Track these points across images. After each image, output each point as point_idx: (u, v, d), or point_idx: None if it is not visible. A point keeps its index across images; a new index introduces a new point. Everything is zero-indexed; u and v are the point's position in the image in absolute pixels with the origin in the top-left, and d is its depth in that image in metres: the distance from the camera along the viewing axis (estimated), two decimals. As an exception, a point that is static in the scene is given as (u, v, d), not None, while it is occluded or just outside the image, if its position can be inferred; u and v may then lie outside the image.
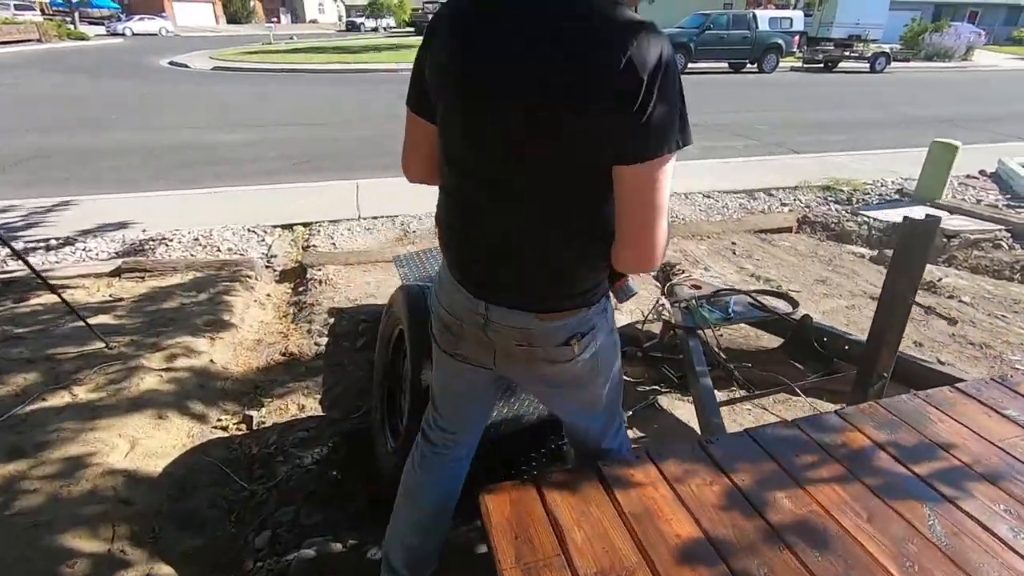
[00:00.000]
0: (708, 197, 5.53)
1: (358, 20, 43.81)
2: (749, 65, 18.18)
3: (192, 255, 3.92)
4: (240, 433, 2.22)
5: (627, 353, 2.46)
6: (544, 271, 1.04)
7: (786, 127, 9.13)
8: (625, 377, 2.59)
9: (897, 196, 5.57)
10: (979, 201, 5.41)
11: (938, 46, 24.08)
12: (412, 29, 32.92)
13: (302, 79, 14.81)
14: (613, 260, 1.00)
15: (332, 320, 3.07)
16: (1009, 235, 4.47)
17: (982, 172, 6.37)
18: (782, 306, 2.37)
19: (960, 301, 3.48)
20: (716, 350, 2.16)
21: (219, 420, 2.29)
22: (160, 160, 6.55)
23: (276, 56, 19.36)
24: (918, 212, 5.10)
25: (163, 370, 2.46)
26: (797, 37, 19.13)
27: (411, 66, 1.05)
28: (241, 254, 4.03)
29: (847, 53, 19.41)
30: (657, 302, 2.53)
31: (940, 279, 3.76)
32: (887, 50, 20.12)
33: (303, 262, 3.86)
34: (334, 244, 4.26)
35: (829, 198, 5.60)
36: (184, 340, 2.71)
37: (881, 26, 20.13)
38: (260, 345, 2.90)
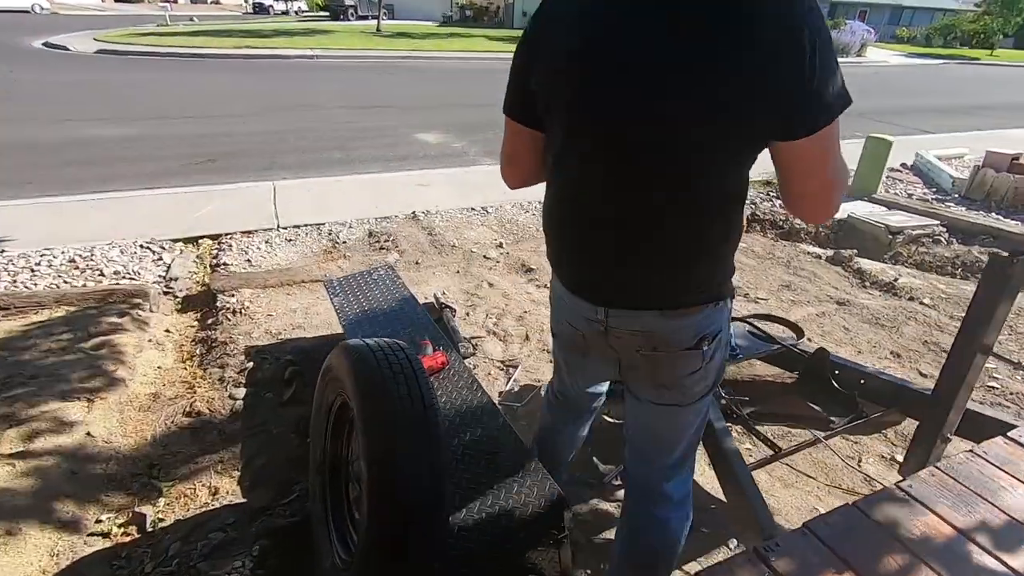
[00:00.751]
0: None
1: (267, 2, 40.97)
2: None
3: (65, 282, 3.19)
4: (128, 540, 1.67)
5: (615, 391, 2.12)
6: (674, 263, 1.00)
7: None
8: (610, 419, 2.26)
9: (834, 191, 5.62)
10: (911, 195, 5.55)
11: (836, 42, 25.72)
12: (327, 14, 31.10)
13: (205, 65, 13.40)
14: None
15: (250, 363, 2.52)
16: (945, 230, 4.57)
17: (904, 165, 6.62)
18: (779, 332, 2.11)
19: (922, 303, 3.43)
20: (728, 399, 1.86)
21: (98, 523, 1.72)
22: (29, 159, 5.51)
23: (174, 39, 17.49)
24: (860, 207, 5.18)
25: (16, 456, 1.85)
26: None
27: (329, 52, 0.69)
28: (131, 278, 3.33)
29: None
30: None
31: (896, 279, 3.72)
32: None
33: (211, 286, 3.24)
34: (249, 261, 3.64)
35: (771, 194, 5.56)
36: (50, 407, 2.09)
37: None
38: (157, 403, 2.31)
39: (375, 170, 5.76)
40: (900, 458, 2.14)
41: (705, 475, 1.97)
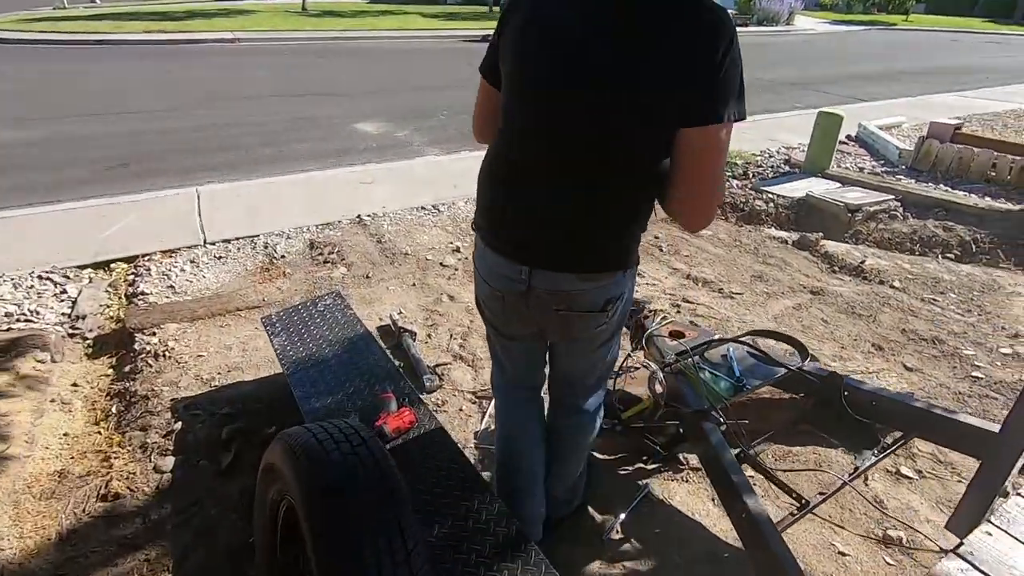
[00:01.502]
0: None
1: (177, -20, 37.82)
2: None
3: (-57, 332, 2.67)
4: None
5: (603, 428, 1.90)
6: (593, 232, 1.13)
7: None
8: (600, 455, 2.04)
9: (787, 167, 5.59)
10: (861, 169, 5.58)
11: (767, 11, 26.21)
12: (246, -9, 29.01)
13: (111, 53, 12.13)
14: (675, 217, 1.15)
15: (179, 423, 2.14)
16: (899, 204, 4.58)
17: (848, 137, 6.67)
18: (777, 351, 1.93)
19: (892, 287, 3.38)
20: (740, 438, 1.66)
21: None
22: None
23: (74, 24, 15.78)
24: (814, 184, 5.14)
25: None
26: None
27: (252, 35, 0.58)
28: (28, 319, 2.84)
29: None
30: (626, 359, 2.00)
31: (863, 261, 3.67)
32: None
33: (128, 323, 2.80)
34: (172, 287, 3.19)
35: (727, 173, 5.46)
36: (-83, 510, 1.67)
37: (721, -8, 21.26)
38: (64, 485, 1.92)
39: (312, 167, 5.28)
40: (906, 471, 2.03)
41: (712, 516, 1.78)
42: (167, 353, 2.56)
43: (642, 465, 2.00)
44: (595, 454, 2.06)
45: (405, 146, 6.09)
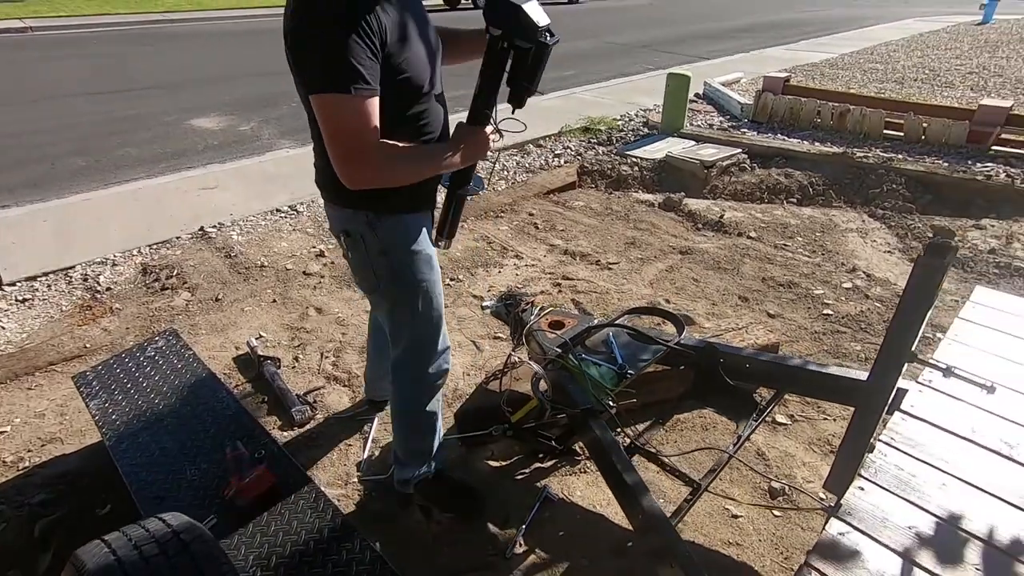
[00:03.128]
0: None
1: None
2: (464, 0, 18.05)
3: None
4: None
5: (492, 434, 1.78)
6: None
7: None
8: (492, 463, 1.93)
9: (646, 129, 5.78)
10: (711, 125, 5.91)
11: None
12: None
13: None
14: None
15: (-25, 526, 1.71)
16: (747, 156, 4.91)
17: (697, 95, 7.06)
18: (655, 325, 1.92)
19: (749, 237, 3.60)
20: (624, 431, 1.61)
21: None
22: None
23: None
24: (672, 144, 5.37)
25: None
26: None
27: (50, 23, 0.27)
28: None
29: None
30: (508, 359, 1.89)
31: (722, 215, 3.87)
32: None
33: None
34: (-41, 348, 2.57)
35: (592, 140, 5.54)
36: None
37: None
38: None
39: (141, 176, 4.57)
40: (780, 419, 2.14)
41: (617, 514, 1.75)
42: (-46, 436, 2.05)
43: (539, 464, 1.92)
44: (489, 463, 1.95)
45: (252, 141, 5.48)
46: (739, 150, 4.95)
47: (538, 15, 1.18)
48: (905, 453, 1.31)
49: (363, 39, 1.09)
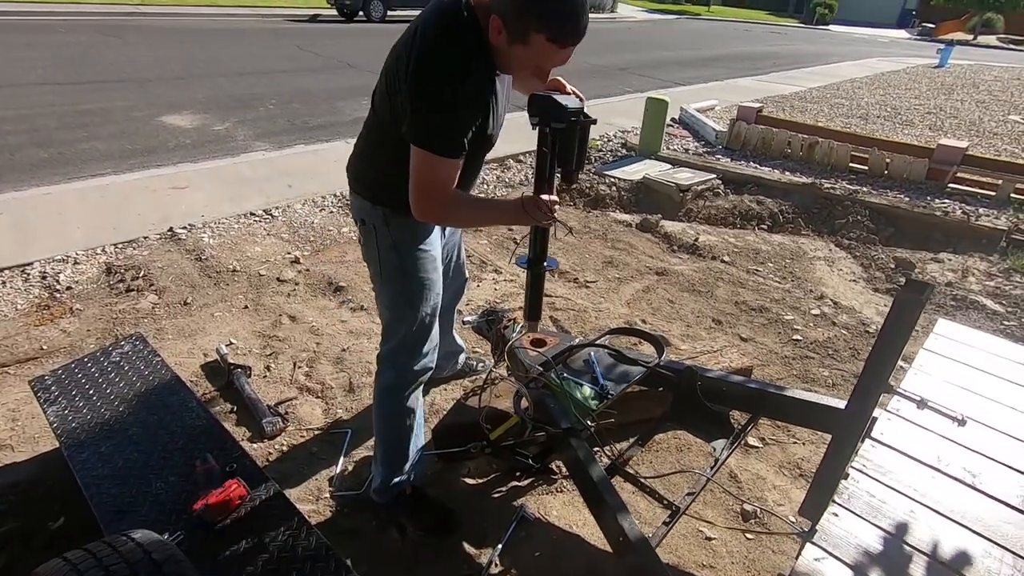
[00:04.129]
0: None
1: None
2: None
3: None
4: None
5: (470, 451, 1.76)
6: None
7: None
8: (469, 480, 1.91)
9: (624, 151, 5.89)
10: (687, 150, 6.06)
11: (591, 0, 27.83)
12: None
13: None
14: None
15: (-88, 539, 1.59)
16: (720, 182, 5.05)
17: (673, 120, 7.24)
18: (631, 345, 1.94)
19: (723, 261, 3.68)
20: (603, 451, 1.62)
21: None
22: None
23: None
24: (650, 166, 5.48)
25: None
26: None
27: (19, 8, 0.24)
28: None
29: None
30: (489, 375, 1.88)
31: (697, 239, 3.96)
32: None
33: None
34: (-99, 345, 2.42)
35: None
36: None
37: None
38: None
39: (107, 171, 4.41)
40: (752, 441, 2.18)
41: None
42: None
43: (516, 483, 1.91)
44: (465, 480, 1.93)
45: (227, 141, 5.36)
46: (713, 175, 5.08)
47: (569, 101, 1.38)
48: (876, 480, 1.35)
49: (475, 117, 1.28)
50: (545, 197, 1.44)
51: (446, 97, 1.22)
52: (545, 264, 1.62)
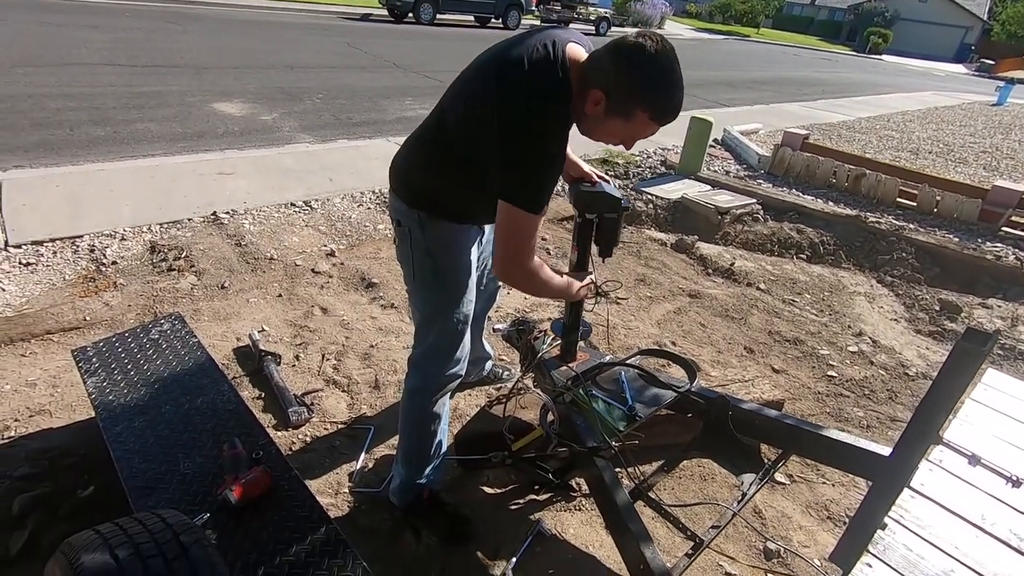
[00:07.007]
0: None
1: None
2: (494, 20, 18.47)
3: None
4: None
5: (491, 460, 1.75)
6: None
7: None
8: (487, 489, 1.89)
9: (663, 168, 5.83)
10: (728, 172, 5.97)
11: (641, 14, 27.74)
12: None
13: None
14: None
15: (-49, 494, 1.65)
16: (760, 207, 4.95)
17: (716, 141, 7.15)
18: (660, 367, 1.90)
19: (759, 289, 3.61)
20: (628, 472, 1.59)
21: None
22: None
23: None
24: (689, 186, 5.42)
25: None
26: (535, -2, 20.06)
27: None
28: None
29: (575, 15, 21.01)
30: (516, 385, 1.87)
31: (733, 263, 3.89)
32: (607, 15, 22.36)
33: None
34: (-44, 305, 2.53)
35: (609, 172, 5.58)
36: None
37: (600, -8, 22.14)
38: None
39: (158, 152, 4.56)
40: (779, 477, 2.12)
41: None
42: (-60, 396, 2.00)
43: (534, 496, 1.89)
44: (484, 488, 1.91)
45: (272, 131, 5.49)
46: (754, 200, 4.99)
47: (616, 191, 1.54)
48: (914, 533, 1.29)
49: (559, 171, 1.29)
50: (590, 278, 1.59)
51: (553, 151, 1.22)
52: (580, 332, 1.78)
